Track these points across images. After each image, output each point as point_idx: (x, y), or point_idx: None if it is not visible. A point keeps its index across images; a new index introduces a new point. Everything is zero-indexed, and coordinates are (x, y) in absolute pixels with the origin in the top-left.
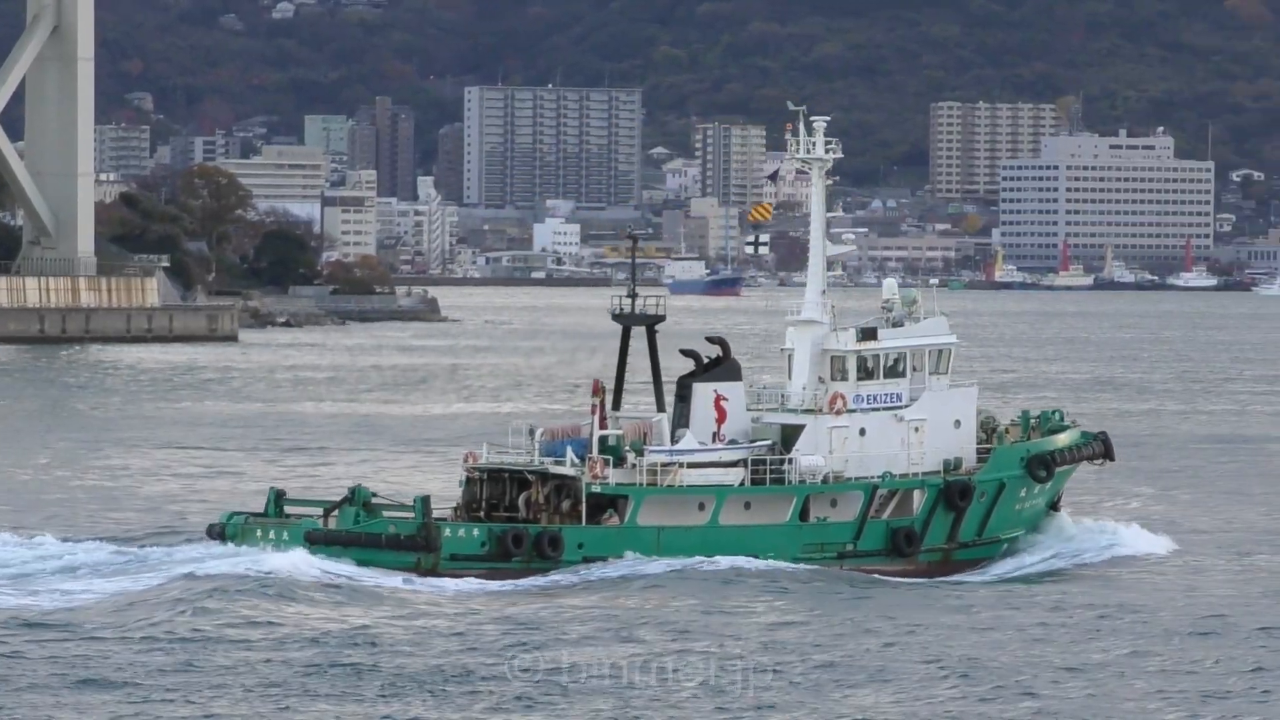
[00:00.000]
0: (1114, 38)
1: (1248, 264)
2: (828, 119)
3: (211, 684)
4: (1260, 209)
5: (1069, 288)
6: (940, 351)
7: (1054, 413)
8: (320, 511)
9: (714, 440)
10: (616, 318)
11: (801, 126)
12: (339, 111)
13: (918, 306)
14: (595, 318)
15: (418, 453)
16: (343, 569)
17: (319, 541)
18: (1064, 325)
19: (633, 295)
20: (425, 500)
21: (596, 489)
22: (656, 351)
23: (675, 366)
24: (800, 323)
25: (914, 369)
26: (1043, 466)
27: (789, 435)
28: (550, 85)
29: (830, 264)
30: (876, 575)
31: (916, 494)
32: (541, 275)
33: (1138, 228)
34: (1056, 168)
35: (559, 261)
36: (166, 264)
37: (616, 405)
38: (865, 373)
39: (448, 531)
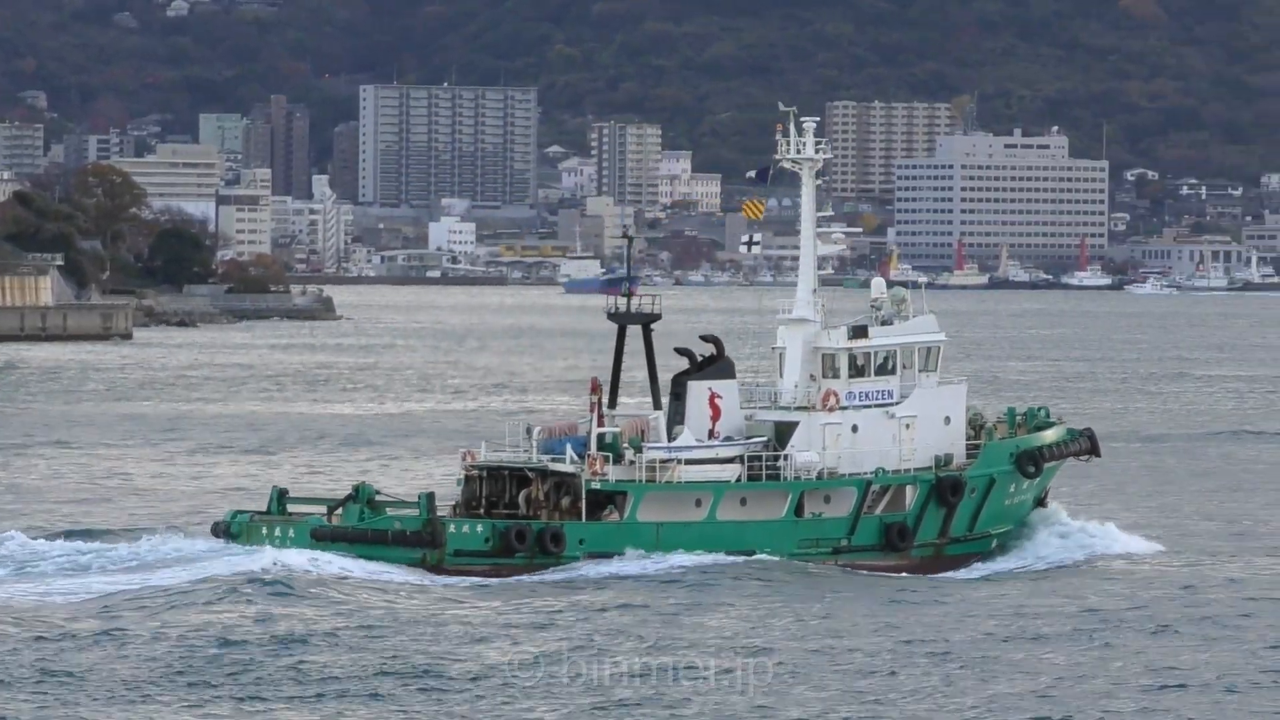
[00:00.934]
0: (1008, 37)
1: (1142, 263)
2: (817, 120)
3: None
4: (1154, 208)
5: (964, 287)
6: (929, 349)
7: (1039, 410)
8: (324, 509)
9: (710, 437)
10: (612, 316)
11: (793, 128)
12: (234, 110)
13: (906, 305)
14: (493, 316)
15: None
16: (356, 565)
17: (326, 538)
18: (960, 323)
19: (628, 295)
20: (430, 497)
21: (596, 486)
22: (652, 350)
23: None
24: (792, 321)
25: (904, 366)
26: (1031, 462)
27: (783, 432)
28: (445, 84)
29: (821, 263)
30: (874, 571)
31: (909, 490)
32: (437, 274)
33: (1032, 227)
34: (951, 167)
35: (454, 260)
36: (60, 263)
37: (612, 403)
38: (856, 370)
39: (452, 527)
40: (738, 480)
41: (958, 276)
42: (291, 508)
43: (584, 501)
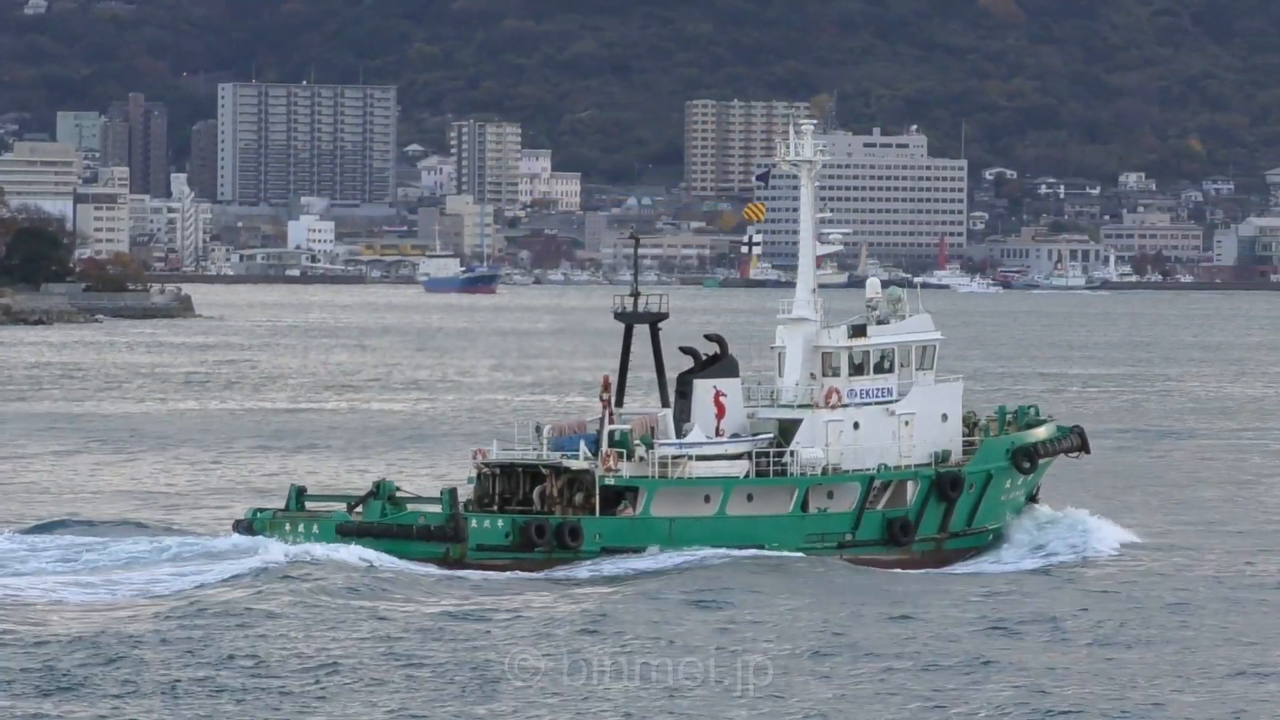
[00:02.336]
0: (867, 36)
1: (1000, 262)
2: (814, 122)
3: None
4: (1013, 207)
5: (824, 285)
6: (925, 347)
7: (1030, 407)
8: (344, 506)
9: (716, 434)
10: (619, 316)
11: (791, 131)
12: (92, 108)
13: (903, 304)
14: (354, 315)
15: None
16: (384, 560)
17: (351, 534)
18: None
19: (635, 294)
20: (453, 492)
21: (610, 482)
22: (660, 349)
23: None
24: (791, 321)
25: (902, 364)
26: (1027, 458)
27: (786, 429)
28: (304, 82)
29: (820, 263)
30: (877, 566)
31: (910, 485)
32: (296, 273)
33: (892, 226)
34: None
35: (313, 259)
36: None
37: (619, 402)
38: (855, 369)
39: (474, 523)
40: (746, 476)
41: (817, 275)
42: (311, 505)
43: (598, 497)
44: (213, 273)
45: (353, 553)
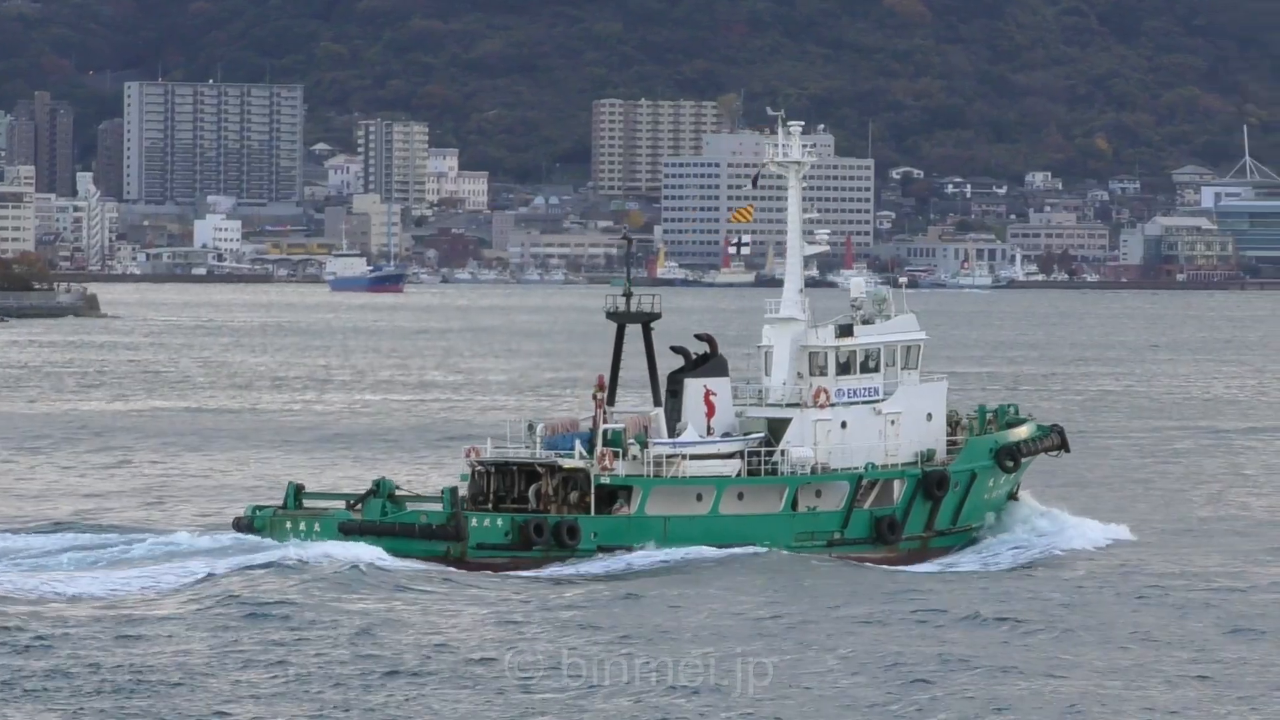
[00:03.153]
0: (775, 35)
1: (907, 261)
2: (802, 123)
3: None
4: (920, 206)
5: (731, 284)
6: (909, 347)
7: (1009, 406)
8: (342, 504)
9: (708, 433)
10: (611, 315)
11: (779, 131)
12: None
13: (888, 304)
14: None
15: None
16: (390, 559)
17: (354, 532)
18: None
19: (628, 294)
20: (453, 491)
21: (606, 480)
22: (652, 348)
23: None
24: (779, 320)
25: (887, 364)
26: (1010, 457)
27: (775, 428)
28: (211, 81)
29: (805, 262)
30: (865, 563)
31: (896, 484)
32: (202, 271)
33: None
34: (718, 165)
35: (220, 258)
36: None
37: (610, 401)
38: (842, 368)
39: (474, 521)
40: (738, 475)
41: (724, 274)
42: (309, 502)
43: (593, 496)
44: (119, 272)
45: (370, 552)
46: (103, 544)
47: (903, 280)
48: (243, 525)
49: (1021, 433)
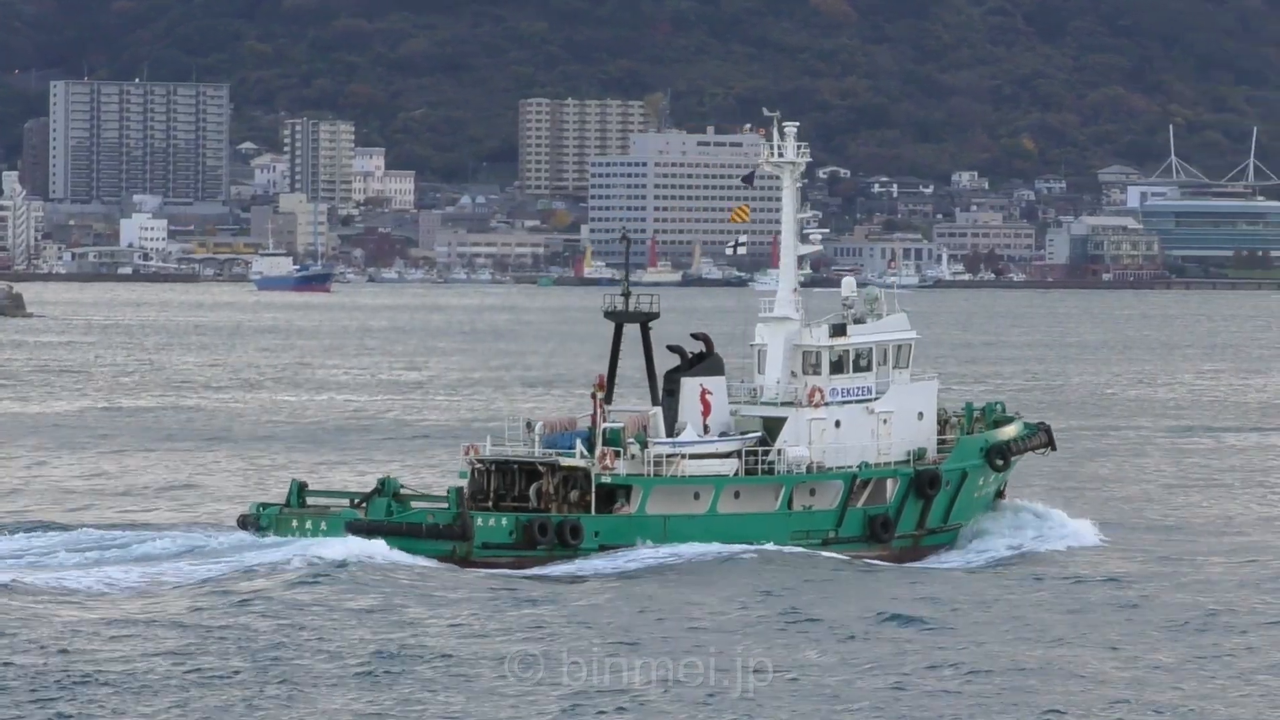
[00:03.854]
0: (701, 35)
1: (834, 260)
2: (797, 124)
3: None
4: (846, 206)
5: (657, 284)
6: (900, 346)
7: (996, 404)
8: (345, 503)
9: (705, 432)
10: (609, 315)
11: (774, 132)
12: None
13: (879, 303)
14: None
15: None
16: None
17: (361, 531)
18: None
19: (626, 294)
20: (460, 491)
21: (607, 480)
22: (650, 348)
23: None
24: (773, 319)
25: (879, 363)
26: (1000, 456)
27: (770, 428)
28: (137, 80)
29: (800, 262)
30: (866, 561)
31: (889, 483)
32: (129, 270)
33: (725, 224)
34: (645, 164)
35: (146, 257)
36: None
37: (608, 399)
38: (836, 367)
39: (480, 521)
40: (736, 474)
41: (651, 274)
42: (312, 500)
43: (593, 495)
44: (45, 271)
45: (386, 551)
46: (114, 541)
47: (893, 279)
48: (248, 523)
49: (1010, 431)
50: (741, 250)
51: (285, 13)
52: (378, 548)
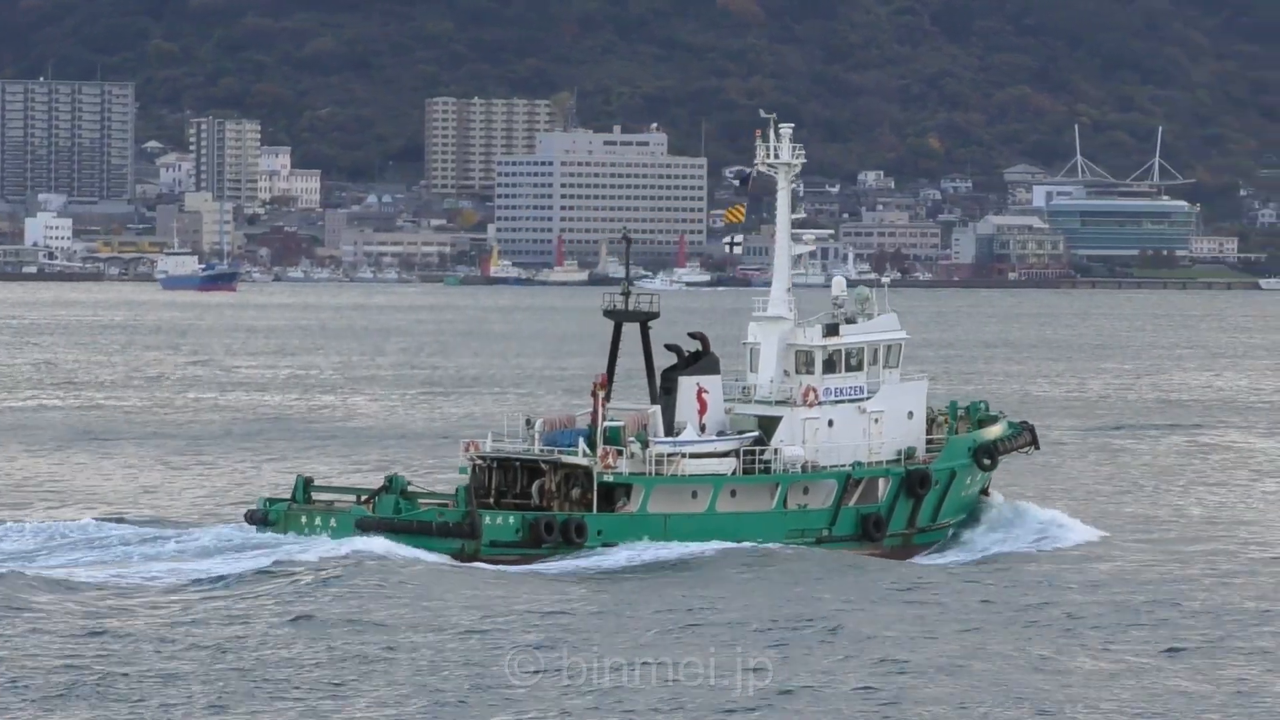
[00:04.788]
0: (608, 34)
1: (740, 260)
2: (793, 126)
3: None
4: (753, 205)
5: (564, 283)
6: (890, 346)
7: (980, 403)
8: (352, 499)
9: (702, 431)
10: (609, 314)
11: (772, 134)
12: None
13: (870, 303)
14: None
15: None
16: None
17: (372, 528)
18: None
19: (626, 293)
20: (468, 489)
21: (609, 478)
22: (650, 347)
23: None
24: (766, 319)
25: (870, 363)
26: (988, 455)
27: (764, 426)
28: (42, 79)
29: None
30: (860, 559)
31: (881, 482)
32: (33, 269)
33: (632, 223)
34: (551, 164)
35: (51, 256)
36: None
37: (607, 398)
38: (829, 367)
39: (487, 519)
40: (733, 473)
41: (558, 272)
42: (318, 496)
43: (595, 493)
44: None
45: (402, 549)
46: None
47: (885, 281)
48: (257, 519)
49: (996, 431)
50: (738, 249)
51: (192, 12)
52: (400, 547)
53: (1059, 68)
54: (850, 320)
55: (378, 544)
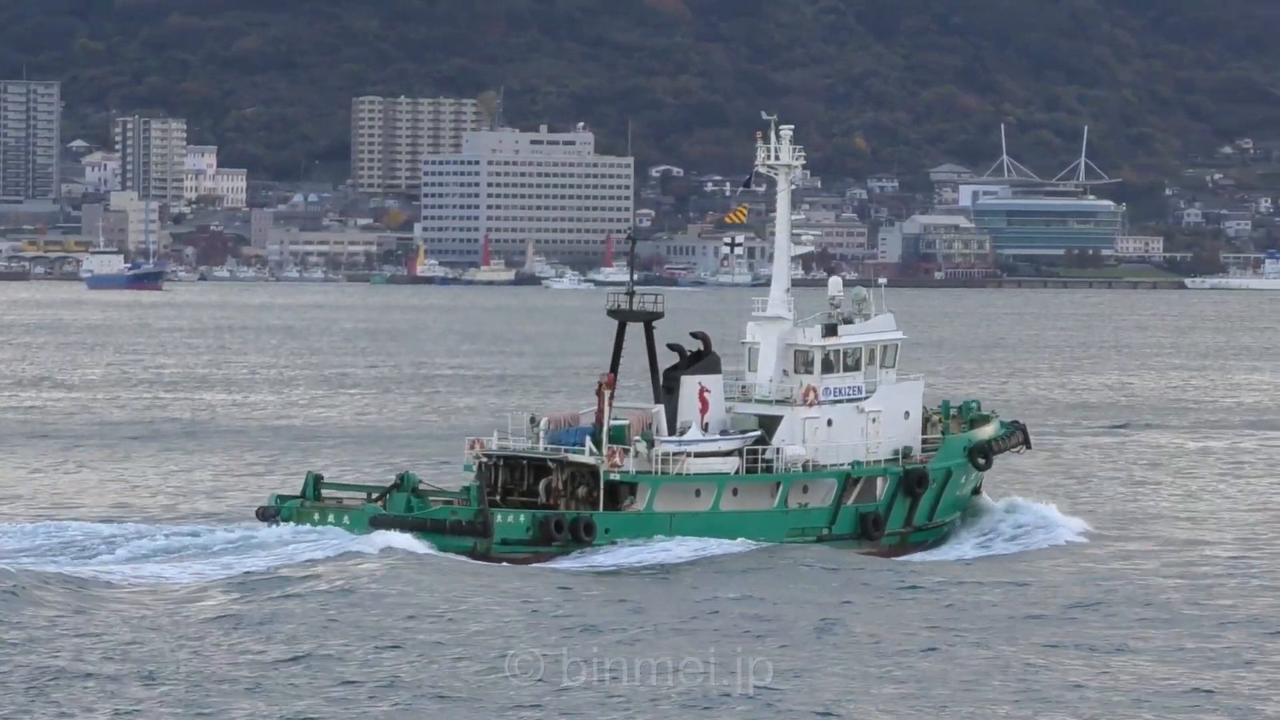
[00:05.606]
0: (534, 33)
1: (667, 259)
2: (793, 127)
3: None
4: (679, 204)
5: (490, 282)
6: (887, 346)
7: (972, 403)
8: (362, 496)
9: (704, 430)
10: (613, 313)
11: (773, 135)
12: None
13: (867, 304)
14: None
15: None
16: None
17: (386, 525)
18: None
19: (630, 293)
20: (480, 488)
21: (615, 477)
22: (654, 346)
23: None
24: (765, 319)
25: (867, 363)
26: (983, 455)
27: (766, 426)
28: None
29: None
30: (859, 557)
31: (879, 481)
32: None
33: (559, 223)
34: (478, 163)
35: None
36: None
37: (611, 397)
38: (828, 367)
39: (499, 517)
40: (736, 472)
41: (484, 272)
42: (327, 493)
43: (601, 491)
44: None
45: (420, 547)
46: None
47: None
48: (268, 515)
49: (989, 431)
50: (739, 250)
51: (118, 10)
52: (419, 543)
53: (985, 67)
54: (848, 320)
55: (398, 540)
